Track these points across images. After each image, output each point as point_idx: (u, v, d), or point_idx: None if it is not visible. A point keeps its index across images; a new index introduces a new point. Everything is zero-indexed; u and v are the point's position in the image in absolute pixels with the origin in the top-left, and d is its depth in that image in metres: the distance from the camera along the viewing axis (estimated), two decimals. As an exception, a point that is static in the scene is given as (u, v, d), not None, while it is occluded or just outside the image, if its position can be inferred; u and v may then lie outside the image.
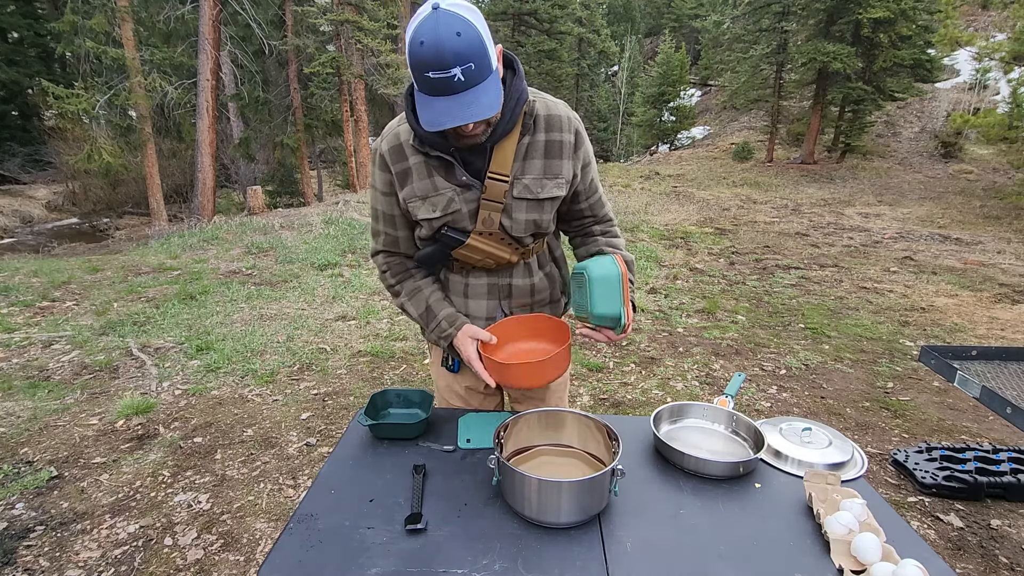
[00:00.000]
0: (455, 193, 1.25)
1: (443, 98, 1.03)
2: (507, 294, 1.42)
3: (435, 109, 1.05)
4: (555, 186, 1.29)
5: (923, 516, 2.41)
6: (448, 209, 1.26)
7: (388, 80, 13.49)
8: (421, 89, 1.06)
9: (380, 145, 1.30)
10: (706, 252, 7.65)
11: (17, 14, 17.58)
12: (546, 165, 1.27)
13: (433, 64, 0.99)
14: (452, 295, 1.44)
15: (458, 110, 1.03)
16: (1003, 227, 10.21)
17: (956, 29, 12.64)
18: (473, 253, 1.32)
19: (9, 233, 13.48)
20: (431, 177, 1.25)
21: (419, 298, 1.41)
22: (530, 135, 1.25)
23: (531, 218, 1.30)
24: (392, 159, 1.27)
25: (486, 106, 1.04)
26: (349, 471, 1.20)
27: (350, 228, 8.46)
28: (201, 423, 3.03)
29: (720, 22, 20.44)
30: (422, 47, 0.99)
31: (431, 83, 1.02)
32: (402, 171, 1.27)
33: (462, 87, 1.02)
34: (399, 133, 1.27)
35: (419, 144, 1.23)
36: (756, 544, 1.00)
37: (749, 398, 3.49)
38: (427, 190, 1.26)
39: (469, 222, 1.28)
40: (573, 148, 1.30)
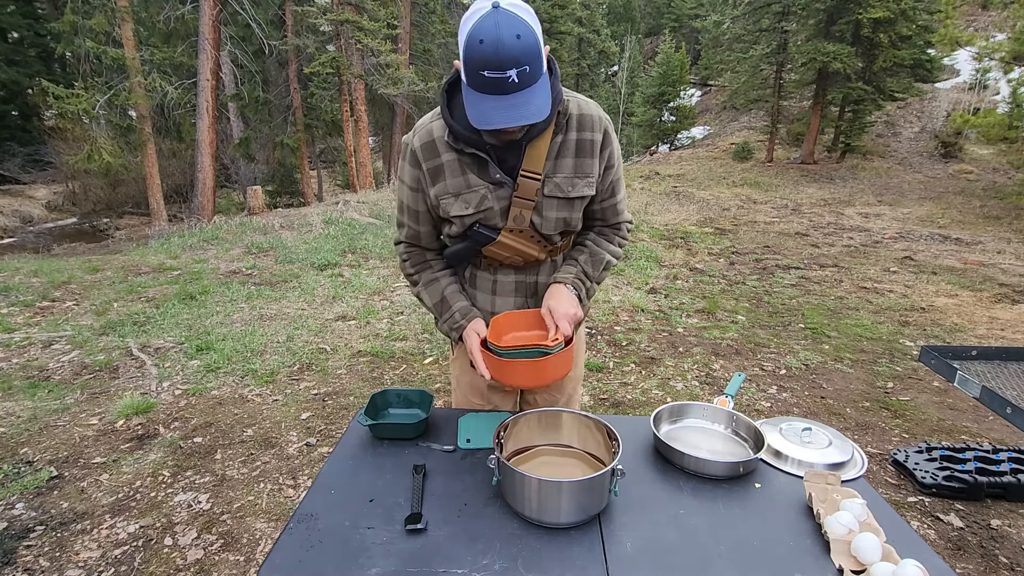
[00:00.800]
0: (488, 190, 1.26)
1: (495, 97, 1.04)
2: (533, 292, 1.43)
3: (486, 108, 1.05)
4: (585, 185, 1.30)
5: (923, 516, 2.41)
6: (481, 206, 1.27)
7: (388, 80, 13.49)
8: (473, 86, 1.06)
9: (412, 140, 1.29)
10: (706, 252, 7.65)
11: (17, 14, 17.58)
12: (577, 164, 1.28)
13: (491, 64, 1.00)
14: (480, 292, 1.45)
15: (510, 111, 1.04)
16: (1003, 227, 10.21)
17: (956, 29, 12.64)
18: (503, 250, 1.33)
19: (9, 233, 13.48)
20: (464, 174, 1.26)
21: (435, 288, 1.42)
22: (563, 134, 1.26)
23: (561, 216, 1.31)
24: (424, 155, 1.27)
25: (536, 110, 1.05)
26: (349, 471, 1.20)
27: (350, 228, 8.46)
28: (201, 423, 3.03)
29: (720, 22, 20.44)
30: (481, 45, 0.99)
31: (485, 81, 1.02)
32: (434, 168, 1.27)
33: (514, 88, 1.03)
34: (432, 129, 1.27)
35: (454, 141, 1.24)
36: (756, 544, 1.00)
37: (749, 398, 3.49)
38: (460, 187, 1.26)
39: (500, 219, 1.29)
40: (600, 146, 1.30)
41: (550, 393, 1.61)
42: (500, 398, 1.59)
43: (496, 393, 1.58)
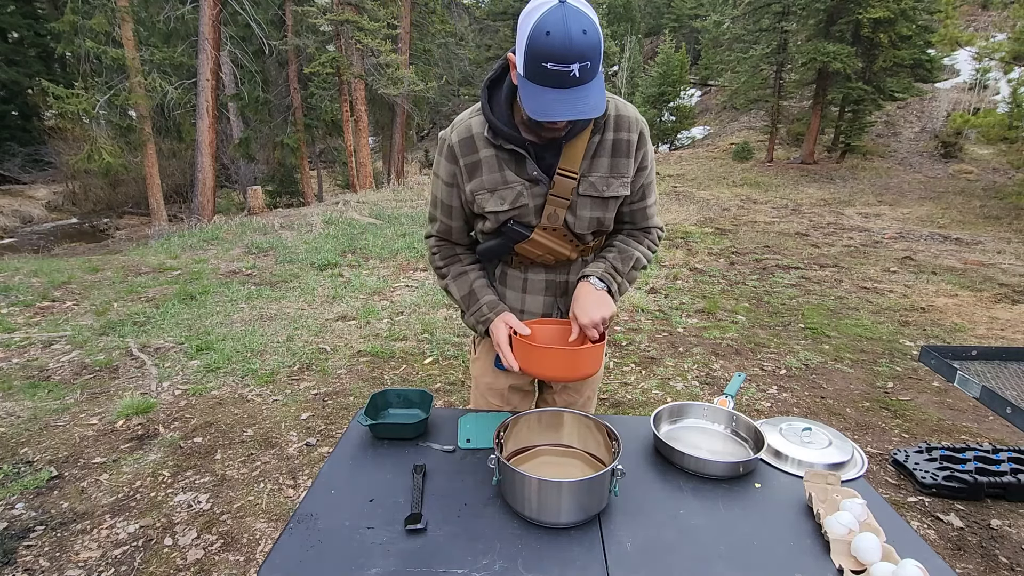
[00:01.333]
0: (524, 187, 1.27)
1: (554, 90, 1.05)
2: (563, 291, 1.43)
3: (545, 100, 1.05)
4: (620, 185, 1.31)
5: (923, 516, 2.41)
6: (516, 203, 1.27)
7: (388, 80, 13.49)
8: (531, 78, 1.06)
9: (450, 136, 1.30)
10: (706, 252, 7.65)
11: (17, 14, 17.58)
12: (612, 164, 1.29)
13: (555, 57, 1.01)
14: (510, 290, 1.45)
15: (570, 104, 1.05)
16: (1003, 227, 10.21)
17: (956, 29, 12.64)
18: (535, 248, 1.34)
19: (9, 233, 13.48)
20: (502, 171, 1.27)
21: (464, 281, 1.42)
22: (600, 134, 1.27)
23: (595, 215, 1.32)
24: (461, 151, 1.28)
25: (594, 105, 1.06)
26: (349, 471, 1.20)
27: (350, 228, 8.46)
28: (201, 423, 3.03)
29: (720, 22, 20.43)
30: (548, 37, 1.00)
31: (546, 74, 1.03)
32: (472, 163, 1.28)
33: (574, 83, 1.04)
34: (471, 125, 1.28)
35: (493, 136, 1.24)
36: (756, 544, 1.00)
37: (749, 398, 3.49)
38: (496, 183, 1.27)
39: (534, 217, 1.30)
40: (636, 147, 1.31)
41: (569, 394, 1.61)
42: (519, 399, 1.59)
43: (516, 394, 1.57)
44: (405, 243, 7.41)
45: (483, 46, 22.51)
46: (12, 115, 17.88)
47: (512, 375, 1.54)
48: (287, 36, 13.87)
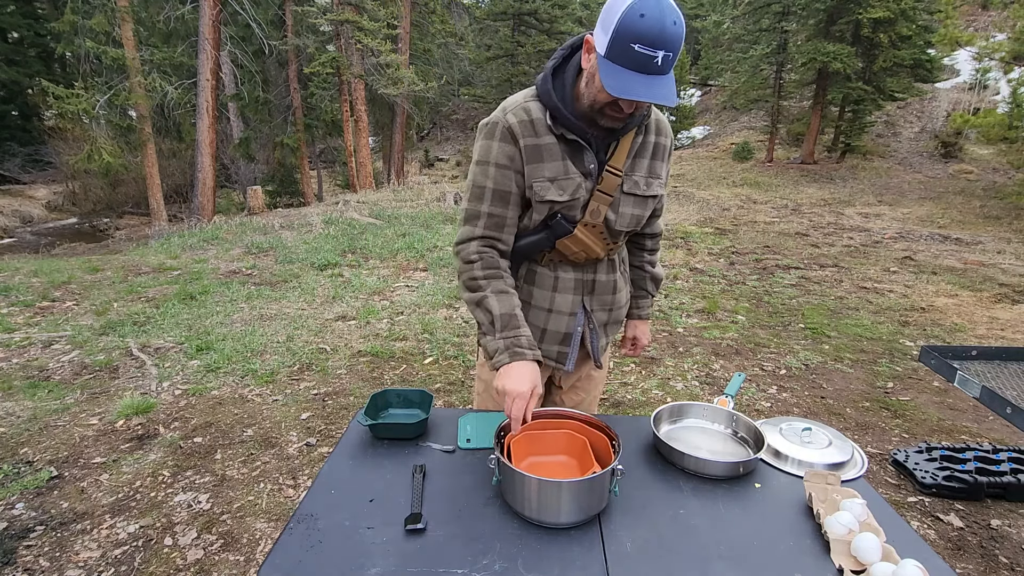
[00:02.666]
0: (582, 179, 1.27)
1: (637, 74, 1.06)
2: (591, 290, 1.44)
3: (627, 80, 1.06)
4: (658, 185, 1.36)
5: (923, 516, 2.41)
6: (575, 195, 1.27)
7: (388, 80, 13.49)
8: (614, 58, 1.07)
9: (504, 118, 1.25)
10: (706, 252, 7.65)
11: (17, 14, 17.58)
12: (651, 165, 1.34)
13: (646, 40, 1.02)
14: (538, 288, 1.43)
15: (652, 88, 1.06)
16: (1003, 227, 10.21)
17: (956, 29, 12.64)
18: (573, 244, 1.34)
19: (9, 233, 13.48)
20: (563, 160, 1.25)
21: (507, 300, 1.29)
22: (643, 135, 1.30)
23: (636, 213, 1.34)
24: (522, 132, 1.23)
25: (670, 94, 1.08)
26: (349, 471, 1.20)
27: (350, 228, 8.46)
28: (201, 423, 3.03)
29: (720, 22, 20.42)
30: (642, 19, 1.01)
31: (631, 55, 1.04)
32: (533, 146, 1.24)
33: (655, 71, 1.06)
34: (529, 109, 1.25)
35: (555, 125, 1.23)
36: (756, 544, 1.00)
37: (749, 398, 3.49)
38: (558, 172, 1.25)
39: (580, 212, 1.31)
40: (668, 153, 1.37)
41: (577, 393, 1.63)
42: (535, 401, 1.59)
43: None
44: (405, 243, 7.41)
45: (483, 46, 22.50)
46: (12, 115, 17.88)
47: None
48: (287, 36, 13.87)
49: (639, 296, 1.65)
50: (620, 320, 1.56)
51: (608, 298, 1.47)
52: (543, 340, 1.47)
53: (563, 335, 1.46)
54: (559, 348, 1.48)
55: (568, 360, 1.48)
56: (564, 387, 1.63)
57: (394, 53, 13.72)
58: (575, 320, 1.44)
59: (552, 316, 1.44)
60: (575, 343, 1.46)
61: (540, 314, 1.44)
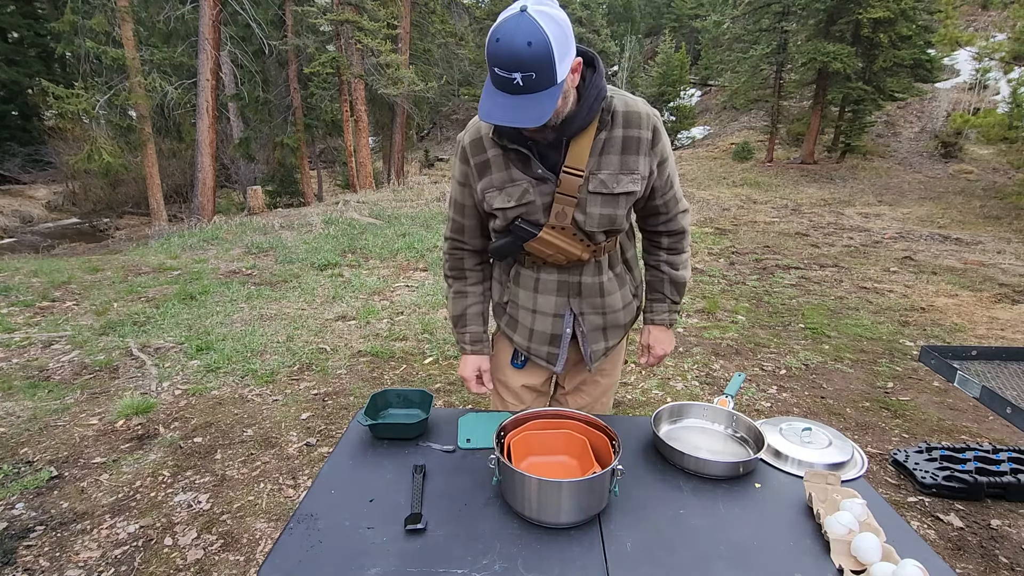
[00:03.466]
0: (530, 184, 1.29)
1: (502, 94, 1.09)
2: (576, 292, 1.43)
3: (492, 103, 1.10)
4: (631, 182, 1.31)
5: (923, 516, 2.41)
6: (522, 200, 1.30)
7: (388, 80, 13.49)
8: (490, 78, 1.10)
9: (463, 138, 1.36)
10: (706, 252, 7.65)
11: (17, 14, 17.58)
12: (623, 161, 1.30)
13: (499, 63, 1.04)
14: (522, 289, 1.47)
15: (508, 111, 1.08)
16: (1003, 227, 10.21)
17: (956, 29, 12.63)
18: (545, 247, 1.35)
19: (9, 233, 13.48)
20: (508, 169, 1.30)
21: (460, 302, 1.53)
22: (607, 131, 1.28)
23: (606, 213, 1.32)
24: (472, 151, 1.33)
25: (532, 116, 1.08)
26: (349, 471, 1.20)
27: (350, 228, 8.46)
28: (201, 423, 3.03)
29: (720, 22, 20.42)
30: (496, 44, 1.04)
31: (496, 77, 1.08)
32: (481, 163, 1.33)
33: (519, 91, 1.06)
34: (480, 127, 1.32)
35: (497, 137, 1.28)
36: (756, 544, 1.00)
37: (749, 398, 3.49)
38: (504, 181, 1.30)
39: (543, 215, 1.31)
40: (650, 144, 1.32)
41: (580, 396, 1.63)
42: (533, 398, 1.61)
43: (529, 393, 1.60)
44: (405, 243, 7.41)
45: (483, 46, 22.47)
46: (12, 115, 17.87)
47: (525, 374, 1.57)
48: (287, 36, 13.87)
49: (654, 299, 1.58)
50: (622, 324, 1.53)
51: (597, 301, 1.45)
52: (532, 339, 1.49)
53: (550, 336, 1.47)
54: (548, 349, 1.49)
55: (558, 361, 1.49)
56: (567, 387, 1.64)
57: (394, 53, 13.72)
58: (562, 322, 1.45)
59: (537, 317, 1.46)
60: (564, 345, 1.48)
61: (527, 314, 1.47)
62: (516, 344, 1.54)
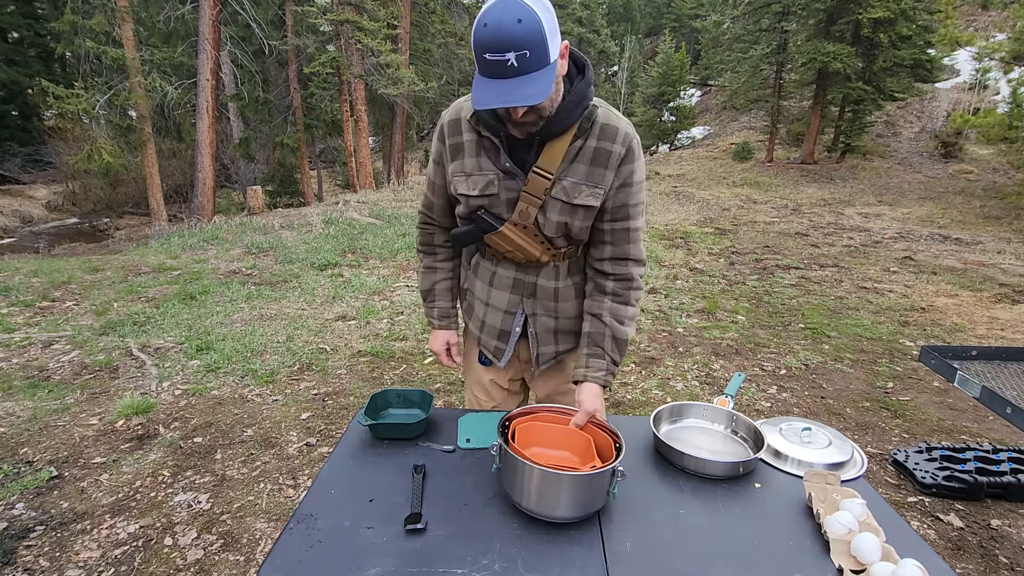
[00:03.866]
0: (496, 177, 1.28)
1: (496, 80, 1.07)
2: (531, 292, 1.42)
3: (486, 90, 1.08)
4: (591, 195, 1.26)
5: (923, 516, 2.41)
6: (486, 191, 1.29)
7: (388, 80, 13.49)
8: (479, 70, 1.10)
9: (443, 117, 1.36)
10: (706, 252, 7.65)
11: (17, 14, 17.57)
12: (589, 172, 1.27)
13: (491, 46, 1.03)
14: (479, 281, 1.47)
15: (504, 93, 1.07)
16: (1003, 227, 10.21)
17: (956, 29, 12.63)
18: (504, 242, 1.34)
19: (9, 233, 13.48)
20: (479, 156, 1.30)
21: (429, 277, 1.56)
22: (583, 139, 1.26)
23: (562, 220, 1.30)
24: (449, 131, 1.34)
25: (532, 94, 1.06)
26: (349, 471, 1.20)
27: (350, 228, 8.46)
28: (201, 423, 3.03)
29: (720, 22, 20.42)
30: (484, 29, 1.03)
31: (487, 64, 1.06)
32: (455, 144, 1.33)
33: (513, 72, 1.05)
34: (461, 108, 1.32)
35: (475, 122, 1.27)
36: (756, 544, 1.00)
37: (749, 398, 3.49)
38: (472, 168, 1.30)
39: (506, 210, 1.31)
40: (620, 161, 1.26)
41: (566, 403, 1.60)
42: (504, 396, 1.61)
43: (499, 391, 1.60)
44: (405, 243, 7.41)
45: (483, 46, 22.41)
46: (12, 115, 17.87)
47: (492, 370, 1.58)
48: (287, 36, 13.87)
49: (592, 354, 1.36)
50: (572, 331, 1.47)
51: (551, 304, 1.42)
52: (483, 331, 1.51)
53: (499, 331, 1.47)
54: (496, 343, 1.50)
55: (503, 356, 1.50)
56: (540, 395, 1.61)
57: (394, 53, 13.72)
58: (512, 319, 1.45)
59: (489, 310, 1.46)
60: (511, 342, 1.48)
61: (480, 306, 1.48)
62: (470, 332, 1.58)
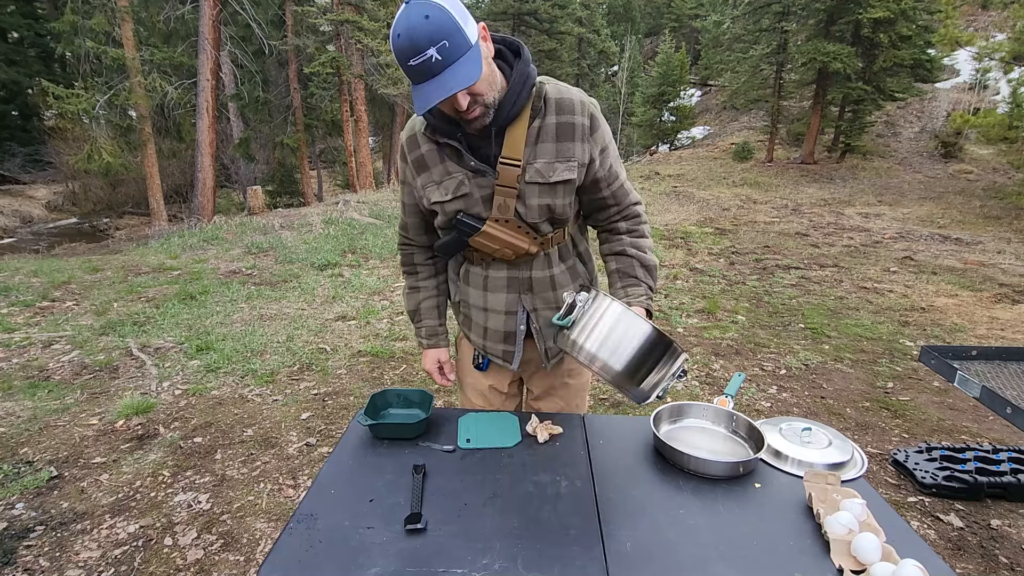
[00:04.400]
0: (465, 176, 1.28)
1: (428, 81, 1.08)
2: (528, 287, 1.40)
3: (423, 94, 1.09)
4: (566, 169, 1.27)
5: (923, 516, 2.41)
6: (458, 192, 1.28)
7: (388, 80, 13.49)
8: (412, 80, 1.10)
9: (401, 136, 1.37)
10: (706, 252, 7.65)
11: (17, 14, 17.59)
12: (558, 148, 1.26)
13: (410, 51, 1.04)
14: (472, 288, 1.44)
15: (441, 87, 1.07)
16: (1003, 227, 10.21)
17: (956, 29, 12.63)
18: (490, 242, 1.32)
19: (9, 233, 13.48)
20: (443, 163, 1.30)
21: (413, 297, 1.58)
22: (541, 119, 1.25)
23: (544, 203, 1.29)
24: (408, 148, 1.34)
25: (464, 77, 1.06)
26: (349, 471, 1.20)
27: (350, 228, 8.46)
28: (201, 423, 3.03)
29: (720, 22, 20.42)
30: (399, 39, 1.04)
31: (415, 71, 1.07)
32: (417, 159, 1.33)
33: (440, 67, 1.05)
34: (415, 124, 1.33)
35: (430, 132, 1.28)
36: (756, 544, 1.00)
37: (749, 398, 3.49)
38: (440, 175, 1.30)
39: (484, 208, 1.29)
40: (589, 131, 1.28)
41: (553, 401, 1.60)
42: (502, 400, 1.59)
43: (497, 396, 1.58)
44: (405, 243, 7.40)
45: (483, 46, 22.46)
46: (12, 115, 17.88)
47: (491, 375, 1.56)
48: (287, 36, 13.88)
49: (629, 284, 1.40)
50: None
51: (549, 295, 1.41)
52: (487, 338, 1.48)
53: (504, 333, 1.45)
54: (504, 347, 1.47)
55: (513, 359, 1.48)
56: (536, 392, 1.60)
57: (394, 53, 13.71)
58: (515, 319, 1.43)
59: (490, 315, 1.44)
60: (519, 342, 1.45)
61: (479, 313, 1.46)
62: (473, 343, 1.53)
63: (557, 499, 1.11)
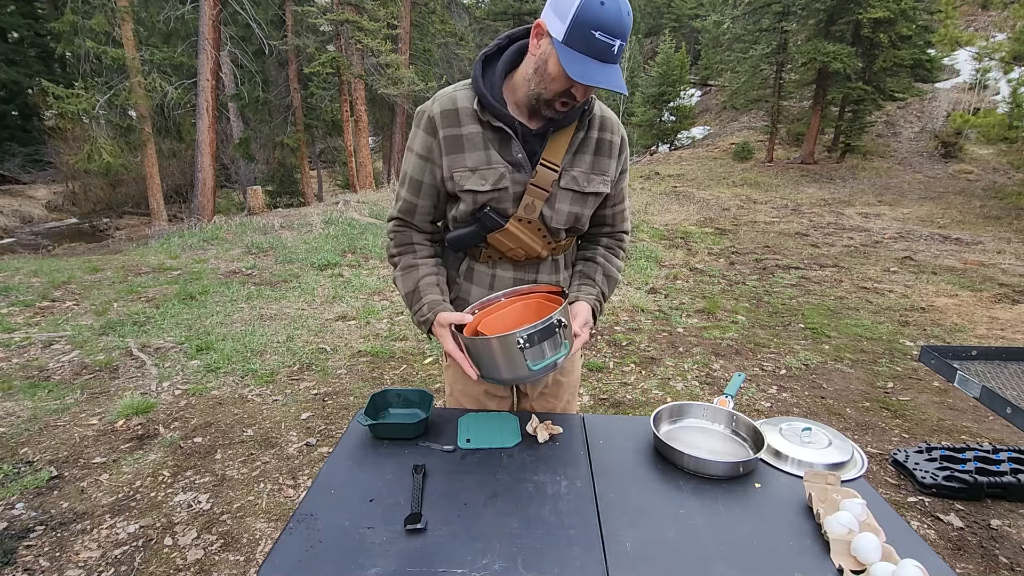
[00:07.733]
0: (507, 170, 1.25)
1: (592, 60, 1.07)
2: None
3: (585, 65, 1.07)
4: (601, 183, 1.32)
5: (923, 516, 2.41)
6: (498, 184, 1.24)
7: (388, 80, 13.49)
8: (573, 44, 1.07)
9: (430, 107, 1.26)
10: (706, 252, 7.65)
11: (17, 14, 17.60)
12: (595, 162, 1.30)
13: (606, 27, 1.04)
14: (475, 286, 1.41)
15: (612, 78, 1.08)
16: (1003, 227, 10.21)
17: (956, 29, 12.62)
18: (508, 240, 1.30)
19: (9, 233, 13.48)
20: (487, 149, 1.24)
21: (411, 276, 1.35)
22: (584, 131, 1.28)
23: (574, 211, 1.31)
24: (443, 122, 1.23)
25: (622, 84, 1.10)
26: (349, 471, 1.20)
27: (350, 228, 8.46)
28: (201, 423, 3.03)
29: (720, 22, 20.42)
30: (603, 7, 1.03)
31: (591, 42, 1.05)
32: (452, 137, 1.23)
33: (611, 59, 1.07)
34: (456, 99, 1.24)
35: (481, 111, 1.22)
36: (756, 544, 1.00)
37: (749, 398, 3.49)
38: (479, 162, 1.24)
39: (512, 205, 1.28)
40: (619, 150, 1.34)
41: (547, 400, 1.59)
42: (496, 404, 1.56)
43: (492, 400, 1.55)
44: (405, 243, 7.40)
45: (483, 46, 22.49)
46: (12, 115, 17.90)
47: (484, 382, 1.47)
48: (287, 36, 13.88)
49: (583, 283, 1.41)
50: None
51: None
52: None
53: None
54: None
55: None
56: (531, 395, 1.59)
57: (394, 53, 13.73)
58: None
59: None
60: None
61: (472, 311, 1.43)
62: None
63: (557, 499, 1.11)
